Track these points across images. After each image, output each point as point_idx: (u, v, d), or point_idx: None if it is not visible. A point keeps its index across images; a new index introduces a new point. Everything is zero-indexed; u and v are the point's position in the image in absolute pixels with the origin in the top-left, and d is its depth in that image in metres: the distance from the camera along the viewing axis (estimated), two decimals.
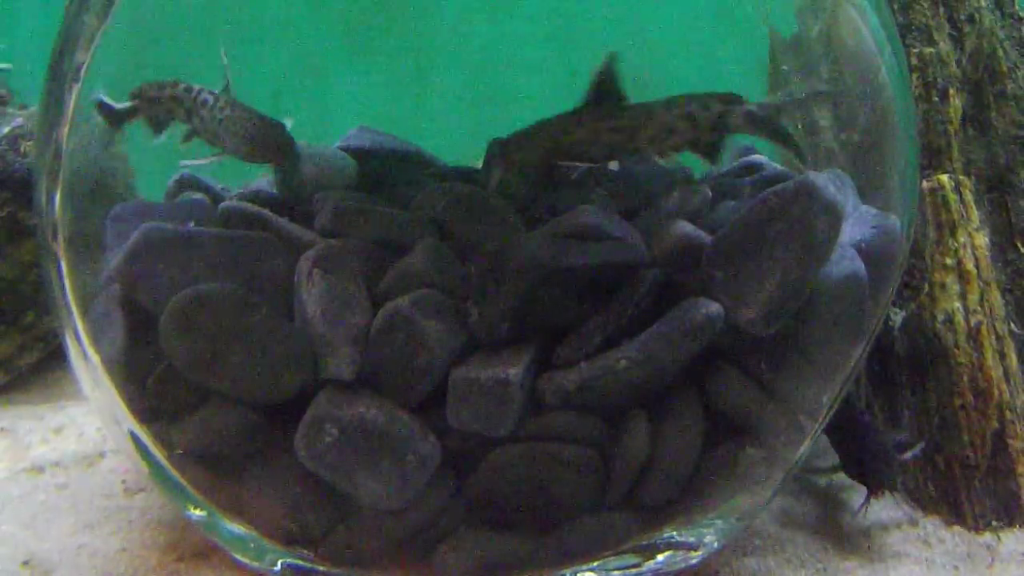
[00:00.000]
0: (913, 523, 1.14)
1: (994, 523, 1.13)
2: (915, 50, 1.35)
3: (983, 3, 1.38)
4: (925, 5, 1.38)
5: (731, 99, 0.88)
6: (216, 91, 0.96)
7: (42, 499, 1.18)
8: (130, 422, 0.92)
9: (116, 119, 0.98)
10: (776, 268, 0.84)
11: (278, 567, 0.93)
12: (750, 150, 1.11)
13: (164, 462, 0.92)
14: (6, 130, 1.62)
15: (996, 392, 1.16)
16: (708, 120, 0.88)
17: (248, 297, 0.84)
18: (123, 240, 0.88)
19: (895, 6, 1.37)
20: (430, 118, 1.00)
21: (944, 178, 1.26)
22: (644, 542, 0.93)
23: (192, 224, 0.90)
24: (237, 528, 0.93)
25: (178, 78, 0.97)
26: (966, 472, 1.15)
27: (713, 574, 1.01)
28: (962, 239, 1.22)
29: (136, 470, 1.23)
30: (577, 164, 0.96)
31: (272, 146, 0.92)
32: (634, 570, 0.93)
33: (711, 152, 0.89)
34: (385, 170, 1.02)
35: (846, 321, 0.93)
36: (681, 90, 0.89)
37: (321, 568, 0.91)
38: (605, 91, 0.87)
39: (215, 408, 0.86)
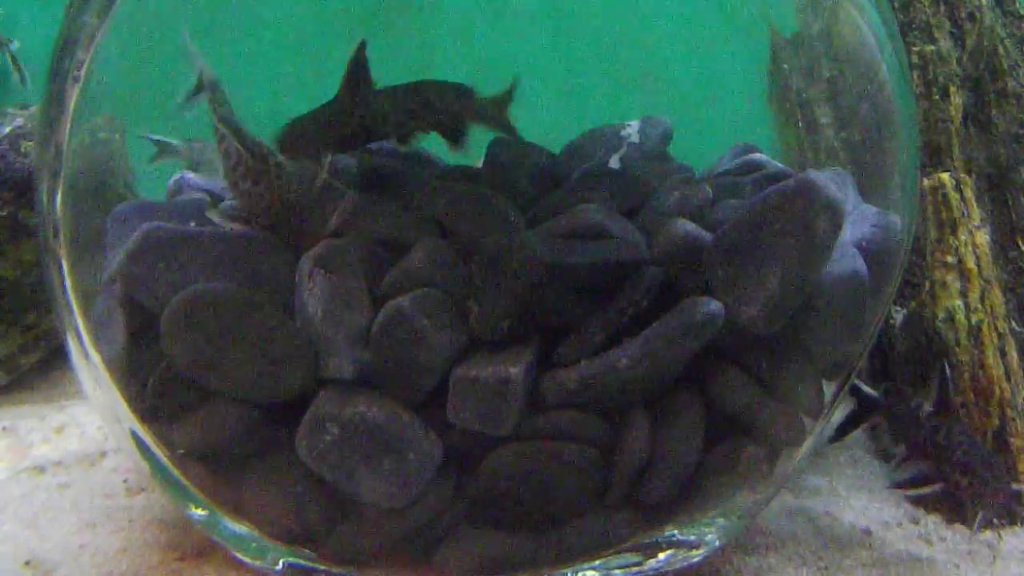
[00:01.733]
0: (914, 521, 1.14)
1: (996, 521, 1.13)
2: (916, 48, 1.35)
3: (983, 1, 1.38)
4: (926, 3, 1.38)
5: (462, 92, 0.91)
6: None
7: (43, 498, 1.18)
8: (131, 421, 0.92)
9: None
10: (777, 266, 0.84)
11: (280, 566, 0.94)
12: (751, 148, 1.11)
13: (165, 461, 0.92)
14: (7, 130, 1.62)
15: (997, 390, 1.16)
16: (444, 107, 0.90)
17: (249, 296, 0.84)
18: (124, 239, 0.88)
19: (895, 4, 1.37)
20: None
21: (945, 176, 1.26)
22: (645, 540, 0.93)
23: (193, 224, 0.90)
24: (239, 527, 0.93)
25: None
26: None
27: (714, 572, 1.01)
28: (963, 237, 1.22)
29: (137, 469, 1.23)
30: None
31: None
32: (635, 568, 0.93)
33: (454, 137, 0.91)
34: (386, 169, 1.02)
35: (847, 319, 0.93)
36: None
37: (323, 567, 0.91)
38: (358, 78, 0.89)
39: (216, 407, 0.86)
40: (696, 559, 0.98)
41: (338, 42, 0.97)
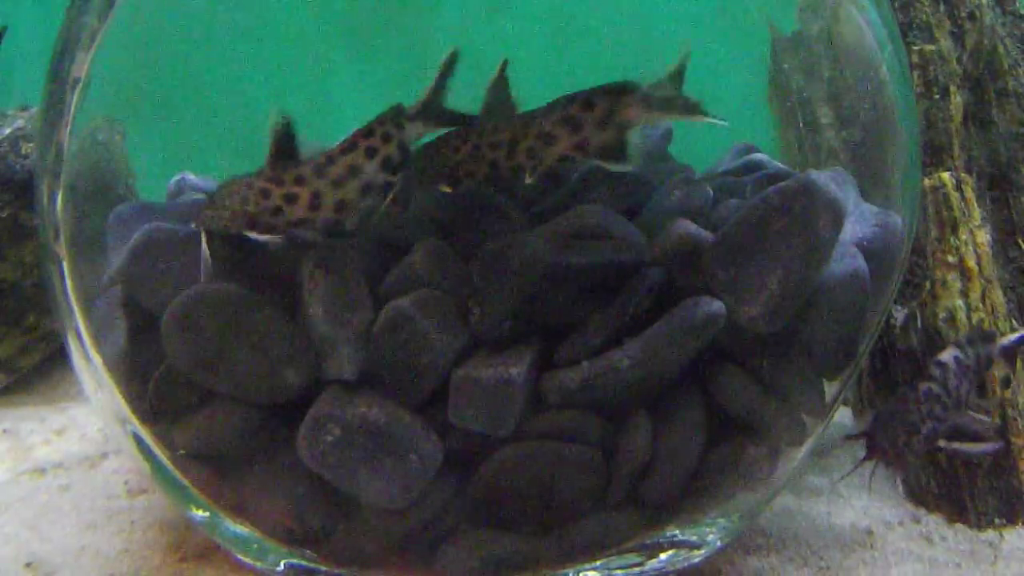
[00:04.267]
0: (916, 520, 1.14)
1: (997, 520, 1.13)
2: (916, 47, 1.35)
3: (983, 0, 1.38)
4: (926, 3, 1.37)
5: (621, 89, 0.78)
6: None
7: (44, 500, 1.18)
8: (132, 423, 0.92)
9: None
10: (778, 266, 0.84)
11: (281, 567, 0.94)
12: (751, 148, 1.11)
13: (166, 462, 0.92)
14: (7, 132, 1.62)
15: (998, 389, 1.16)
16: (593, 120, 0.78)
17: (250, 297, 0.84)
18: (125, 241, 0.88)
19: (896, 4, 1.37)
20: None
21: (946, 175, 1.26)
22: (647, 541, 0.93)
23: (194, 225, 0.90)
24: (240, 528, 0.93)
25: None
26: (968, 469, 1.15)
27: (716, 573, 1.01)
28: (964, 236, 1.22)
29: (138, 471, 1.23)
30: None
31: None
32: (637, 569, 0.93)
33: (612, 156, 0.79)
34: None
35: (848, 319, 0.93)
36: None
37: (324, 568, 0.91)
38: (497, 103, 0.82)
39: (217, 408, 0.86)
40: (697, 559, 0.98)
41: (338, 42, 0.97)
